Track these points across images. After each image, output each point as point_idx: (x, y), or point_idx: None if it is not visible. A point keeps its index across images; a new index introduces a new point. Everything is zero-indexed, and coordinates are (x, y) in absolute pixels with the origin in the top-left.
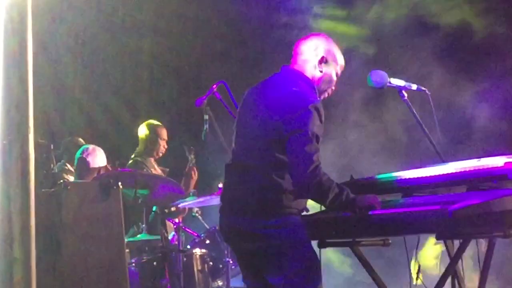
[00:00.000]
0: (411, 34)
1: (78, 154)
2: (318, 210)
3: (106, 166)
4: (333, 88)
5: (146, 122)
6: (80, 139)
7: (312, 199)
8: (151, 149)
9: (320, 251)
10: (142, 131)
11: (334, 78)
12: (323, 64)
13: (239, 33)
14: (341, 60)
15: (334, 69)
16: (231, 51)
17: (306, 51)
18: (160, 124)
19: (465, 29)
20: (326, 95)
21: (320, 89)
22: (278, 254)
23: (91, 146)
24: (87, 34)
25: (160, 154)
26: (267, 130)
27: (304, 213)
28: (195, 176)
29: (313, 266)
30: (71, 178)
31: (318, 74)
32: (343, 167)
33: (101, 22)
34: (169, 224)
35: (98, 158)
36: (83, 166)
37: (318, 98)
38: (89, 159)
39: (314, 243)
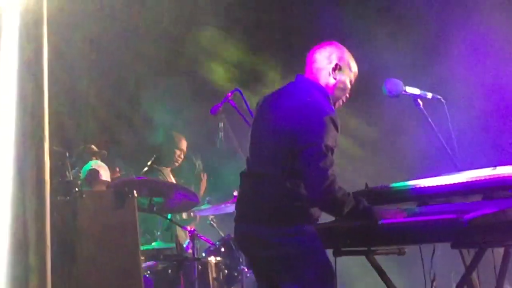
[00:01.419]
0: None
1: (88, 167)
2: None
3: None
4: (348, 96)
5: (166, 130)
6: (93, 147)
7: (328, 213)
8: (167, 157)
9: (335, 259)
10: (160, 139)
11: (348, 85)
12: (337, 72)
13: (254, 40)
14: (354, 67)
15: (348, 77)
16: (247, 59)
17: (319, 59)
18: (179, 134)
19: None
20: (341, 102)
21: (335, 97)
22: (293, 262)
23: (99, 162)
24: (102, 41)
25: (176, 164)
26: (281, 139)
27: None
28: (204, 181)
29: (328, 275)
30: None
31: (332, 82)
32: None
33: (116, 29)
34: (184, 232)
35: (106, 174)
36: (95, 177)
37: (333, 108)
38: (101, 171)
39: (329, 252)
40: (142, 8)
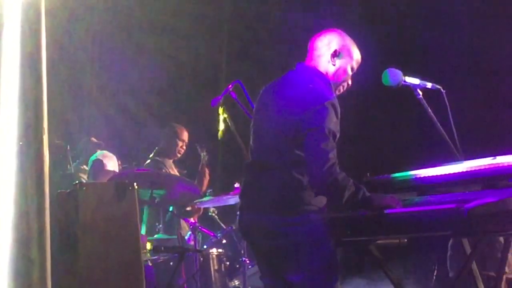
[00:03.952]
0: None
1: (94, 157)
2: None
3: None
4: (349, 83)
5: (168, 122)
6: (93, 139)
7: (327, 197)
8: (169, 149)
9: (335, 250)
10: (163, 131)
11: (349, 72)
12: (336, 58)
13: (256, 33)
14: (356, 54)
15: (348, 63)
16: (248, 51)
17: (320, 47)
18: (181, 125)
19: None
20: (342, 89)
21: (335, 84)
22: (298, 251)
23: (106, 152)
24: (104, 35)
25: (178, 155)
26: (285, 128)
27: None
28: (206, 177)
29: (332, 265)
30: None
31: (331, 68)
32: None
33: (118, 22)
34: (186, 224)
35: (113, 163)
36: (100, 167)
37: (334, 94)
38: (105, 161)
39: None
40: (143, 0)
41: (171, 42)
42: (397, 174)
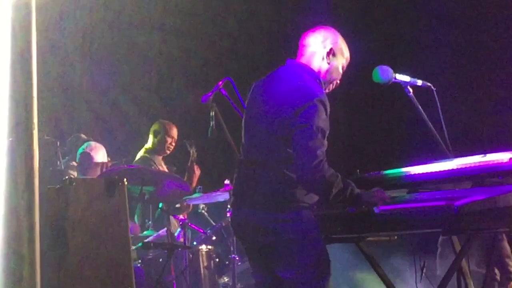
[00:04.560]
0: None
1: (81, 150)
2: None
3: (107, 162)
4: (339, 81)
5: (157, 119)
6: (83, 135)
7: (315, 194)
8: (158, 146)
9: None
10: (152, 127)
11: (341, 71)
12: (331, 56)
13: (247, 29)
14: (347, 53)
15: (341, 62)
16: (239, 48)
17: (313, 43)
18: (170, 122)
19: None
20: (332, 87)
21: (326, 81)
22: (289, 248)
23: (93, 143)
24: (95, 32)
25: (168, 152)
26: (275, 126)
27: None
28: (197, 170)
29: (324, 261)
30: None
31: (325, 66)
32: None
33: (109, 19)
34: (175, 221)
35: (101, 154)
36: (87, 161)
37: (323, 91)
38: (92, 154)
39: None
40: None
41: (161, 39)
42: (387, 171)
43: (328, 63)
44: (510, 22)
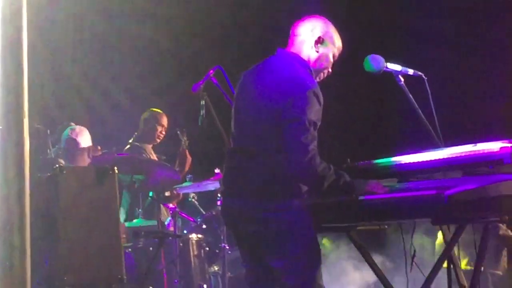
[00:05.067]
0: None
1: (65, 135)
2: None
3: (92, 146)
4: (330, 70)
5: (147, 108)
6: (73, 124)
7: (308, 187)
8: (148, 134)
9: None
10: (143, 116)
11: (331, 59)
12: (319, 45)
13: (237, 19)
14: (338, 42)
15: (331, 50)
16: (230, 37)
17: (303, 32)
18: (160, 110)
19: None
20: (322, 76)
21: (317, 70)
22: (280, 237)
23: (77, 127)
24: (86, 21)
25: (158, 141)
26: (266, 115)
27: None
28: (188, 158)
29: (314, 250)
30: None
31: (314, 55)
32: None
33: (100, 8)
34: (165, 210)
35: (86, 138)
36: (74, 146)
37: (315, 81)
38: (78, 139)
39: None
40: None
41: (152, 27)
42: (378, 160)
43: (317, 52)
44: (501, 12)
